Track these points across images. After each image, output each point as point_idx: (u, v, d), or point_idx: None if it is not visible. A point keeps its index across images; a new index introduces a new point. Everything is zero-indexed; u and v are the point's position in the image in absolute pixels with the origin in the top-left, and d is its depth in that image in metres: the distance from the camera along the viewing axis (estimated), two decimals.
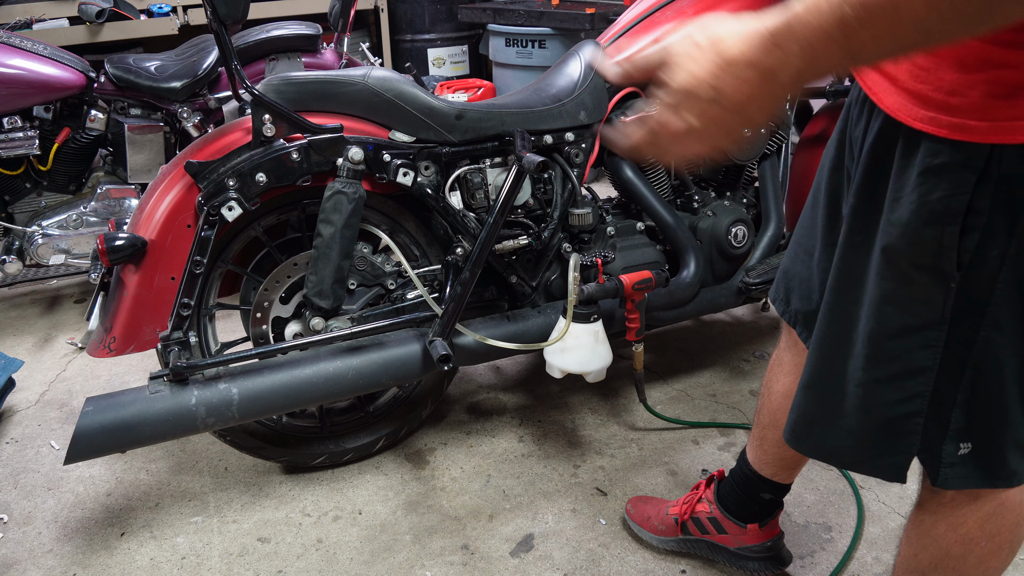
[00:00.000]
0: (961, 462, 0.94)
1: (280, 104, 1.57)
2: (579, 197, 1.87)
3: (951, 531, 1.02)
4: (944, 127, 0.80)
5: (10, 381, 2.20)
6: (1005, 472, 0.93)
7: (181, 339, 1.62)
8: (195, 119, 2.66)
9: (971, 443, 0.93)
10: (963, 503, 1.00)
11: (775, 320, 2.54)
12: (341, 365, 1.64)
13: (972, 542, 1.01)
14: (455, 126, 1.71)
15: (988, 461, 0.93)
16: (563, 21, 3.50)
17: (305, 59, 2.84)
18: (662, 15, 1.91)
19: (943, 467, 0.94)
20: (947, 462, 0.94)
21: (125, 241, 1.56)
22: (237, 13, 1.53)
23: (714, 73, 0.68)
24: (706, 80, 0.69)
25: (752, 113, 0.70)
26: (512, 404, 2.15)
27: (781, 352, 1.34)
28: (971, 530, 1.01)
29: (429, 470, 1.90)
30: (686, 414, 2.07)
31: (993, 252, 0.82)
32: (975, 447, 0.93)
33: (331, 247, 1.62)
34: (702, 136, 0.73)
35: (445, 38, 4.39)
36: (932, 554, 1.05)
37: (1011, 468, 0.93)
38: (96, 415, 1.49)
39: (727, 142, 0.74)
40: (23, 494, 1.85)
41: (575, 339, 1.72)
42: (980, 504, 0.99)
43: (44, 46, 2.59)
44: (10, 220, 2.66)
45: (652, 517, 1.62)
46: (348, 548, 1.66)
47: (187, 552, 1.66)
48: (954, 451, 0.93)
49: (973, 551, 1.02)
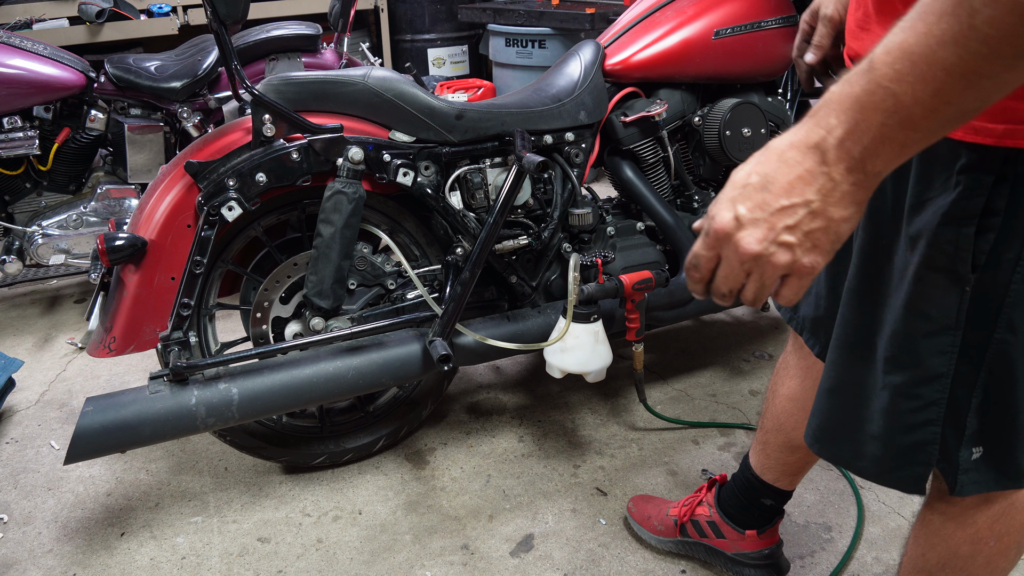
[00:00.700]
0: (975, 467, 0.93)
1: (280, 104, 1.57)
2: (579, 197, 1.87)
3: (960, 531, 1.02)
4: (961, 129, 0.79)
5: (10, 381, 2.20)
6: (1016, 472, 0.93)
7: (181, 339, 1.62)
8: (195, 119, 2.66)
9: (983, 447, 0.92)
10: (973, 504, 1.00)
11: (775, 320, 2.54)
12: (341, 365, 1.64)
13: (981, 542, 1.01)
14: (455, 126, 1.71)
15: (999, 463, 0.93)
16: (563, 21, 3.50)
17: (305, 59, 2.84)
18: (662, 15, 1.91)
19: (960, 474, 0.93)
20: (963, 468, 0.93)
21: (125, 241, 1.56)
22: (237, 13, 1.53)
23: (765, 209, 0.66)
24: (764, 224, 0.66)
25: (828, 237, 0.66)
26: (512, 404, 2.15)
27: (788, 355, 1.33)
28: (980, 530, 1.01)
29: (429, 470, 1.90)
30: (686, 414, 2.07)
31: (1008, 255, 0.82)
32: (987, 450, 0.92)
33: (331, 247, 1.62)
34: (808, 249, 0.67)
35: (445, 38, 4.39)
36: (940, 554, 1.05)
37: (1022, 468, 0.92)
38: (96, 415, 1.49)
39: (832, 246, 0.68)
40: (23, 494, 1.85)
41: (575, 339, 1.72)
42: (990, 504, 0.99)
43: (44, 46, 2.59)
44: (10, 220, 2.66)
45: (652, 517, 1.61)
46: (348, 548, 1.66)
47: (187, 552, 1.66)
48: (968, 456, 0.92)
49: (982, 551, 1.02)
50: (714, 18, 1.89)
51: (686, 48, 1.88)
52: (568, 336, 1.72)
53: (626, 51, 1.90)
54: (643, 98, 1.94)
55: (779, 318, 2.54)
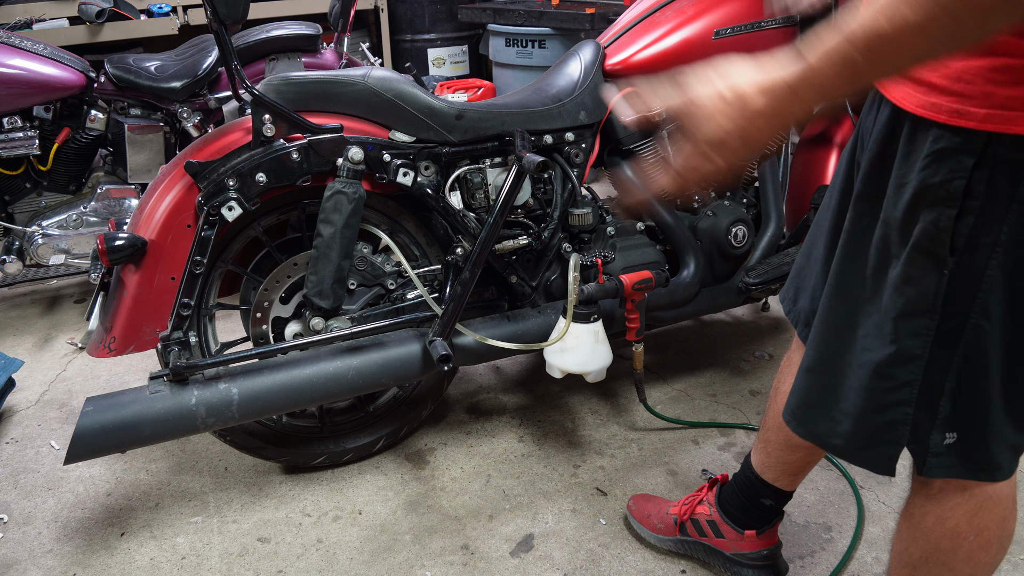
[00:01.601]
0: (946, 452, 0.94)
1: (280, 104, 1.57)
2: (579, 197, 1.87)
3: (939, 524, 1.03)
4: (944, 112, 0.82)
5: (10, 381, 2.20)
6: (989, 465, 0.94)
7: (181, 339, 1.62)
8: (195, 119, 2.66)
9: (956, 433, 0.93)
10: (950, 495, 1.01)
11: (775, 320, 2.54)
12: (341, 365, 1.64)
13: (960, 536, 1.02)
14: (455, 126, 1.71)
15: (972, 452, 0.94)
16: (563, 21, 3.50)
17: (305, 59, 2.84)
18: (662, 15, 1.91)
19: (929, 456, 0.95)
20: (933, 451, 0.95)
21: (125, 241, 1.56)
22: (237, 13, 1.53)
23: (742, 125, 0.78)
24: (735, 132, 0.78)
25: (768, 142, 0.81)
26: (512, 404, 2.16)
27: (792, 354, 1.34)
28: (959, 524, 1.02)
29: (429, 470, 1.90)
30: (686, 414, 2.07)
31: (985, 239, 0.83)
32: (960, 437, 0.93)
33: (331, 247, 1.62)
34: (728, 171, 0.83)
35: (445, 38, 4.39)
36: (922, 548, 1.06)
37: (995, 461, 0.94)
38: (96, 415, 1.49)
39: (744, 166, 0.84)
40: (23, 494, 1.85)
41: (575, 339, 1.72)
42: (967, 498, 1.00)
43: (44, 46, 2.59)
44: (10, 220, 2.66)
45: (652, 515, 1.61)
46: (348, 548, 1.66)
47: (187, 552, 1.66)
48: (940, 440, 0.94)
49: (962, 545, 1.03)
50: (714, 18, 1.89)
51: (686, 48, 1.88)
52: (568, 336, 1.72)
53: (626, 51, 1.90)
54: None
55: (779, 318, 2.54)
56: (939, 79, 0.82)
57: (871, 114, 0.97)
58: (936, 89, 0.82)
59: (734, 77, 0.78)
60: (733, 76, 0.78)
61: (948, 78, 0.81)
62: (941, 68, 0.82)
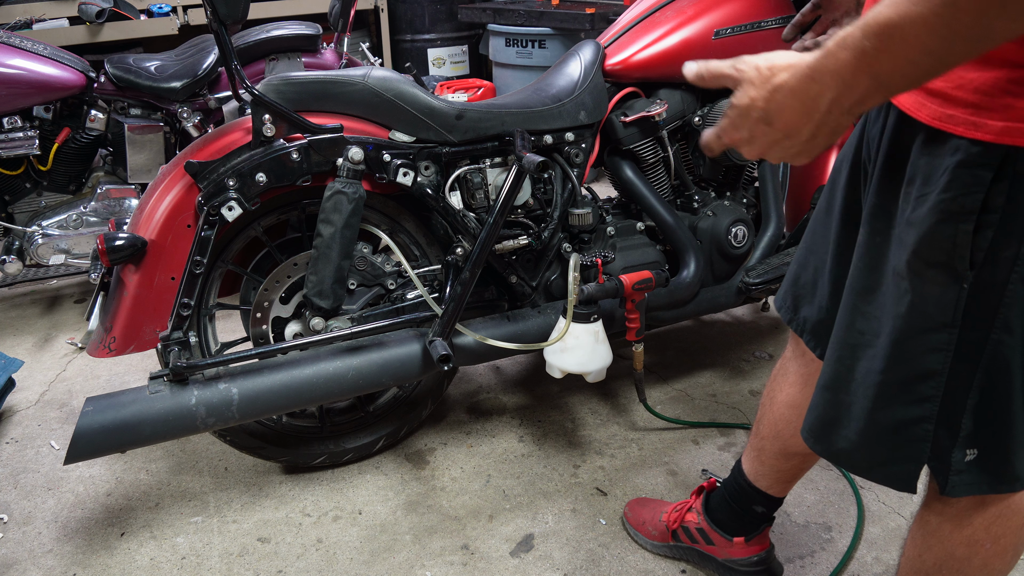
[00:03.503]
0: (967, 468, 0.93)
1: (280, 104, 1.57)
2: (579, 197, 1.87)
3: (956, 532, 1.02)
4: (960, 124, 0.80)
5: (10, 381, 2.20)
6: (1010, 477, 0.93)
7: (181, 339, 1.62)
8: (195, 119, 2.66)
9: (977, 449, 0.92)
10: (969, 506, 1.00)
11: (775, 320, 2.54)
12: (341, 365, 1.64)
13: (977, 544, 1.01)
14: (455, 126, 1.71)
15: (994, 466, 0.92)
16: (563, 21, 3.50)
17: (305, 59, 2.84)
18: (662, 15, 1.91)
19: (951, 474, 0.93)
20: (955, 469, 0.93)
21: (125, 241, 1.56)
22: (237, 13, 1.53)
23: (764, 97, 0.79)
24: (757, 103, 0.80)
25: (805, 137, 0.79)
26: (512, 404, 2.16)
27: (787, 361, 1.32)
28: (976, 532, 1.00)
29: (429, 470, 1.90)
30: (686, 414, 2.07)
31: (1005, 253, 0.82)
32: (981, 453, 0.92)
33: (331, 247, 1.62)
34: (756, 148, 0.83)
35: (445, 38, 4.39)
36: (937, 555, 1.05)
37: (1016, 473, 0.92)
38: (96, 415, 1.49)
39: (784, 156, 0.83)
40: (23, 494, 1.85)
41: (575, 339, 1.72)
42: (986, 507, 0.99)
43: (44, 46, 2.59)
44: (10, 220, 2.66)
45: (647, 522, 1.61)
46: (348, 548, 1.66)
47: (187, 552, 1.66)
48: (961, 458, 0.92)
49: (978, 553, 1.01)
50: (714, 18, 1.89)
51: (686, 48, 1.88)
52: (568, 336, 1.72)
53: (626, 51, 1.90)
54: (643, 98, 1.94)
55: (779, 318, 2.54)
56: (956, 91, 0.80)
57: (879, 122, 0.95)
58: (952, 101, 0.81)
59: (774, 59, 0.80)
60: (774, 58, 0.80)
61: (965, 90, 0.79)
62: (957, 79, 0.80)
